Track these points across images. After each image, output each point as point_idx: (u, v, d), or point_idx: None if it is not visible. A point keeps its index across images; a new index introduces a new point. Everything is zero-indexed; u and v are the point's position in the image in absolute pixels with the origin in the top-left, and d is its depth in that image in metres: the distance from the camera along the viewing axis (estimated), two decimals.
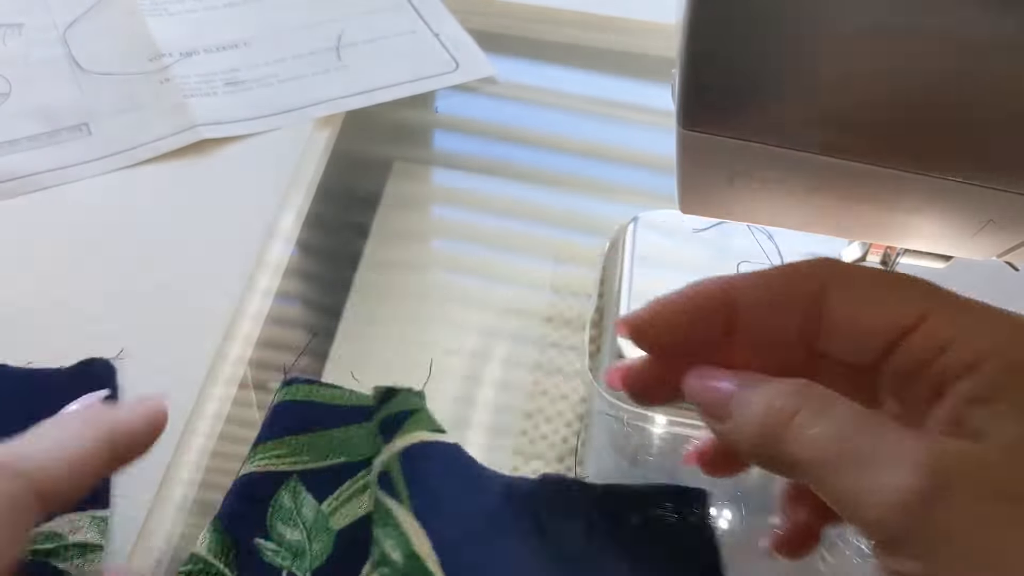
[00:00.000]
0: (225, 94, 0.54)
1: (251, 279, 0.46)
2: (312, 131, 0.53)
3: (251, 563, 0.33)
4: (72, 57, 0.55)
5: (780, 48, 0.23)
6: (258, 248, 0.47)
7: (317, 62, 0.56)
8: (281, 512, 0.35)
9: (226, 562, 0.33)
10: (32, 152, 0.49)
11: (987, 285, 0.45)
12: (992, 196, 0.26)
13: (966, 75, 0.23)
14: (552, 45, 0.62)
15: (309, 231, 0.49)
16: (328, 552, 0.34)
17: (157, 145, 0.50)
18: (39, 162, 0.48)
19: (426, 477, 0.34)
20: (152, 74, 0.54)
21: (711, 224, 0.47)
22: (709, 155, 0.28)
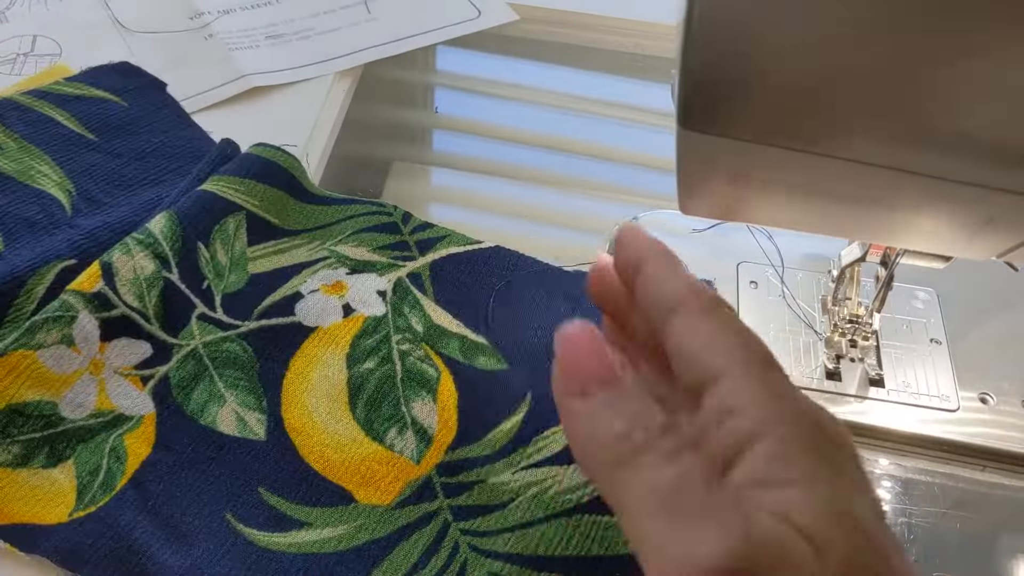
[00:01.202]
0: (267, 46, 0.57)
1: None
2: (332, 83, 0.55)
3: (188, 259, 0.40)
4: (115, 19, 0.58)
5: (780, 48, 0.23)
6: None
7: (348, 16, 0.60)
8: (223, 234, 0.42)
9: (171, 248, 0.39)
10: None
11: (987, 286, 0.45)
12: (992, 196, 0.26)
13: (964, 75, 0.23)
14: (552, 45, 0.62)
15: None
16: (239, 287, 0.41)
17: (211, 94, 0.53)
18: None
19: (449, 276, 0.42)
20: (196, 31, 0.58)
21: (711, 224, 0.47)
22: (709, 155, 0.28)
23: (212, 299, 0.40)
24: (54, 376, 0.35)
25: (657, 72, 0.60)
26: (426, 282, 0.41)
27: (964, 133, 0.24)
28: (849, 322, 0.42)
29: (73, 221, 0.43)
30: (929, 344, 0.43)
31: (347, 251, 0.42)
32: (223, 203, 0.42)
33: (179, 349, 0.38)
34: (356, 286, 0.41)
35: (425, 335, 0.39)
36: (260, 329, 0.39)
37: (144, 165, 0.47)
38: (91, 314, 0.37)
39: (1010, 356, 0.43)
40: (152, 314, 0.38)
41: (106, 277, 0.37)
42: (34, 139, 0.46)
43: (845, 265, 0.40)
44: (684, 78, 0.25)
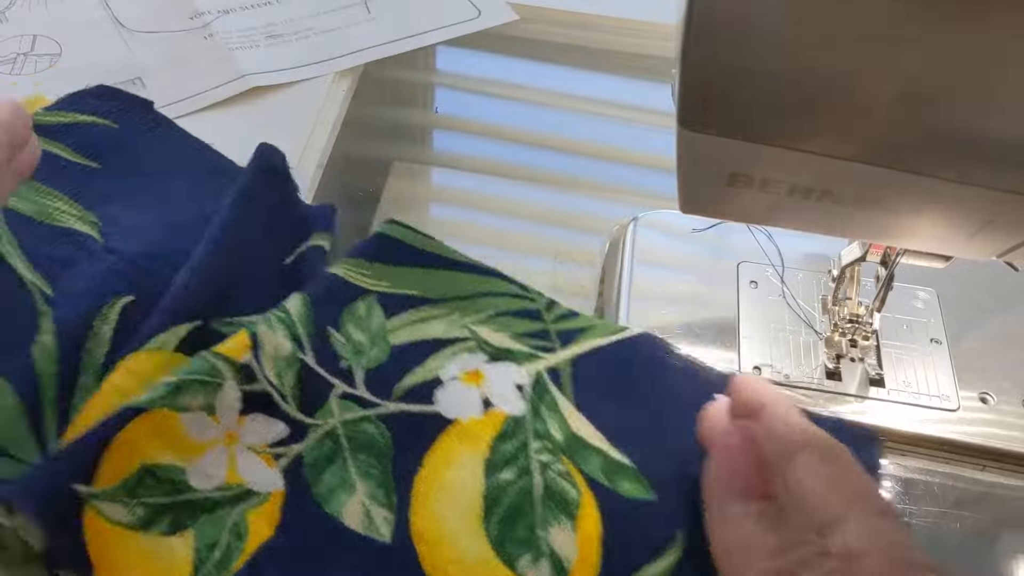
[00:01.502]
0: (267, 46, 0.57)
1: None
2: (332, 83, 0.55)
3: (321, 343, 0.39)
4: (115, 18, 0.58)
5: (779, 48, 0.23)
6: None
7: (348, 16, 0.60)
8: (354, 316, 0.40)
9: (305, 330, 0.38)
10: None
11: (987, 286, 0.45)
12: (992, 196, 0.26)
13: (965, 75, 0.23)
14: (552, 45, 0.62)
15: None
16: (381, 360, 0.39)
17: (211, 94, 0.53)
18: None
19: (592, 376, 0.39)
20: (195, 31, 0.58)
21: (710, 224, 0.47)
22: (709, 155, 0.28)
23: (352, 377, 0.38)
24: (190, 442, 0.34)
25: (657, 72, 0.60)
26: (565, 379, 0.39)
27: (964, 133, 0.24)
28: (849, 322, 0.42)
29: (109, 244, 0.42)
30: (929, 344, 0.43)
31: (487, 335, 0.40)
32: (351, 289, 0.41)
33: (316, 429, 0.37)
34: (495, 378, 0.39)
35: (565, 446, 0.37)
36: (400, 414, 0.37)
37: (156, 184, 0.46)
38: (237, 384, 0.36)
39: (1010, 356, 0.43)
40: (289, 394, 0.37)
41: (254, 348, 0.37)
42: (39, 177, 0.44)
43: (845, 265, 0.40)
44: (684, 78, 0.25)
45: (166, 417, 0.34)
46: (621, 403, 0.38)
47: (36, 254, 0.41)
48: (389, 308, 0.41)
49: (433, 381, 0.38)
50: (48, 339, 0.37)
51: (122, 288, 0.39)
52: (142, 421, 0.34)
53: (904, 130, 0.25)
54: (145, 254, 0.41)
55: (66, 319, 0.38)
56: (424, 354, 0.39)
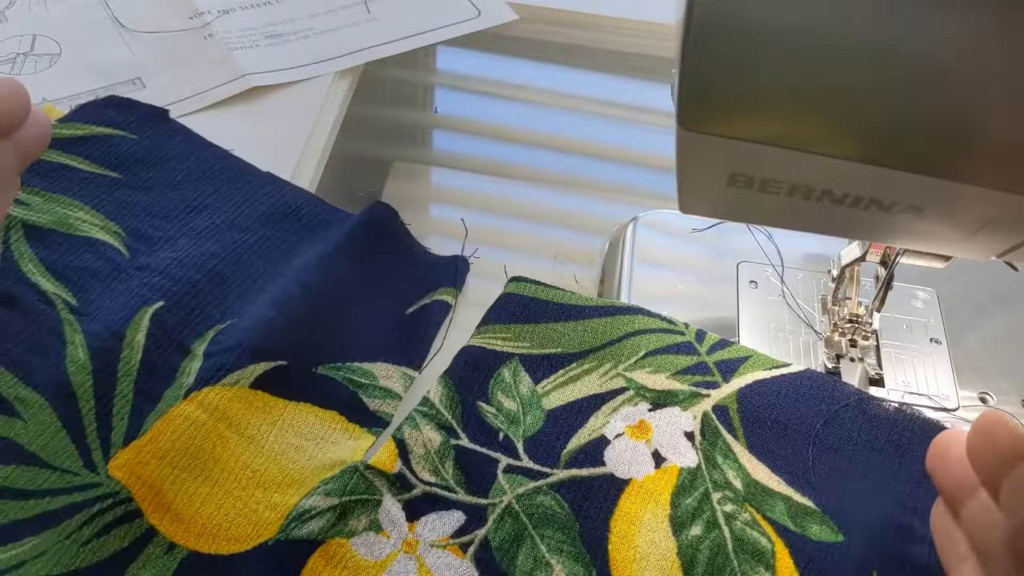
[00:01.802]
0: (267, 46, 0.57)
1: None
2: (332, 83, 0.55)
3: (473, 420, 0.38)
4: (115, 18, 0.58)
5: (779, 48, 0.23)
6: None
7: (348, 16, 0.60)
8: (502, 384, 0.39)
9: (453, 415, 0.38)
10: None
11: (987, 286, 0.45)
12: (992, 196, 0.26)
13: (965, 74, 0.23)
14: (552, 45, 0.62)
15: None
16: (539, 427, 0.38)
17: (211, 94, 0.53)
18: None
19: (760, 414, 0.38)
20: (195, 31, 0.58)
21: (711, 224, 0.47)
22: (709, 155, 0.28)
23: (514, 447, 0.37)
24: (367, 563, 0.34)
25: (657, 72, 0.60)
26: (734, 419, 0.38)
27: (965, 133, 0.24)
28: (849, 322, 0.42)
29: (136, 262, 0.41)
30: (929, 344, 0.43)
31: (644, 379, 0.39)
32: (491, 356, 0.40)
33: (493, 509, 0.35)
34: (661, 427, 0.38)
35: (746, 494, 0.36)
36: (571, 480, 0.36)
37: (181, 193, 0.45)
38: (394, 496, 0.35)
39: (1010, 356, 0.43)
40: (454, 483, 0.36)
41: (402, 456, 0.36)
42: (57, 189, 0.44)
43: (845, 265, 0.40)
44: (684, 78, 0.25)
45: (338, 546, 0.34)
46: (792, 442, 0.37)
47: (58, 264, 0.40)
48: (535, 371, 0.40)
49: (599, 440, 0.37)
50: (80, 353, 0.37)
51: (152, 297, 0.39)
52: (318, 557, 0.34)
53: (904, 130, 0.25)
54: (175, 262, 0.41)
55: (97, 333, 0.37)
56: (584, 413, 0.38)
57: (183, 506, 0.34)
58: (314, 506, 0.34)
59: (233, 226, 0.43)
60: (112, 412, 0.36)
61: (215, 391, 0.36)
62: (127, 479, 0.34)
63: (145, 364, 0.37)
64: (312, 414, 0.38)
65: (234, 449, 0.36)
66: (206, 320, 0.39)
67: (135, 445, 0.35)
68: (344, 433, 0.38)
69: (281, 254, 0.43)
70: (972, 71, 0.22)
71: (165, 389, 0.37)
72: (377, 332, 0.41)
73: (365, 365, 0.40)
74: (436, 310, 0.43)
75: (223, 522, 0.34)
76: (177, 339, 0.38)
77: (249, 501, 0.34)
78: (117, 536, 0.33)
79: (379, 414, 0.39)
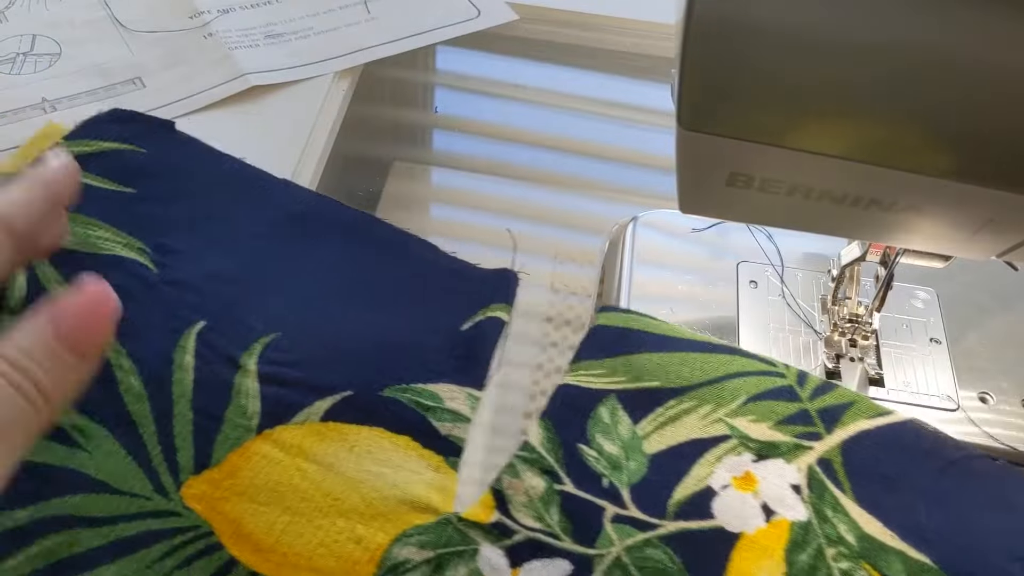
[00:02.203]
0: (266, 46, 0.57)
1: None
2: (332, 83, 0.55)
3: (575, 463, 0.37)
4: (115, 18, 0.58)
5: (779, 48, 0.23)
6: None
7: (347, 16, 0.60)
8: (600, 426, 0.38)
9: (555, 458, 0.37)
10: (91, 105, 0.51)
11: (987, 285, 0.45)
12: (992, 196, 0.26)
13: (965, 74, 0.23)
14: (552, 45, 0.62)
15: None
16: (642, 474, 0.37)
17: (210, 94, 0.53)
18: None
19: (866, 466, 0.37)
20: (194, 30, 0.58)
21: (711, 224, 0.47)
22: (709, 155, 0.28)
23: (619, 495, 0.36)
24: None
25: (657, 72, 0.60)
26: (839, 472, 0.37)
27: (965, 133, 0.24)
28: (849, 321, 0.42)
29: (166, 276, 0.40)
30: (929, 344, 0.43)
31: (746, 428, 0.38)
32: (587, 395, 0.39)
33: (600, 560, 0.34)
34: (768, 479, 0.37)
35: (860, 549, 0.35)
36: (681, 533, 0.35)
37: (198, 204, 0.44)
38: (492, 544, 0.35)
39: (1010, 356, 0.43)
40: (559, 530, 0.35)
41: (500, 506, 0.35)
42: (74, 208, 0.42)
43: (845, 264, 0.40)
44: (684, 78, 0.25)
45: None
46: (901, 496, 0.36)
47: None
48: (633, 409, 0.38)
49: (705, 491, 0.36)
50: (134, 380, 0.36)
51: (192, 316, 0.38)
52: None
53: (904, 129, 0.25)
54: (207, 277, 0.40)
55: (145, 359, 0.37)
56: (687, 461, 0.37)
57: (263, 537, 0.33)
58: (408, 558, 0.34)
59: (257, 235, 0.43)
60: (174, 434, 0.35)
61: (288, 430, 0.36)
62: (207, 513, 0.34)
63: (198, 383, 0.36)
64: (386, 439, 0.37)
65: (313, 478, 0.35)
66: (250, 332, 0.38)
67: (210, 477, 0.34)
68: (421, 461, 0.37)
69: (312, 261, 0.42)
70: (973, 69, 0.22)
71: (225, 408, 0.36)
72: (435, 351, 0.40)
73: (429, 386, 0.38)
74: (491, 327, 0.41)
75: (304, 551, 0.33)
76: (225, 353, 0.37)
77: (331, 530, 0.34)
78: (199, 567, 0.33)
79: (451, 438, 0.37)
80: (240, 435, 0.35)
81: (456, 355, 0.40)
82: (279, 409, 0.36)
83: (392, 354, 0.39)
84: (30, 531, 0.32)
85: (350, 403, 0.37)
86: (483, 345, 0.41)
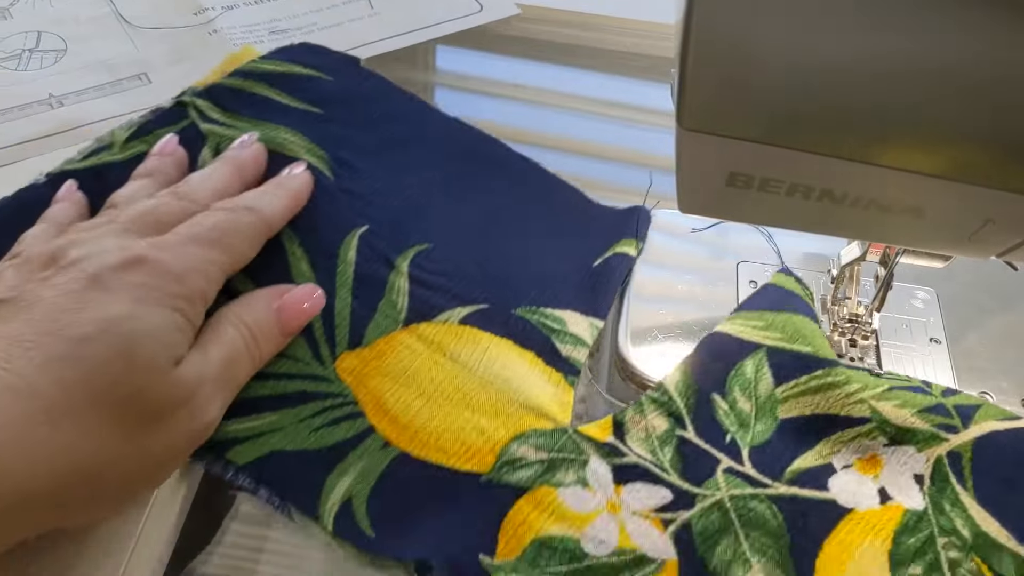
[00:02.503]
0: (271, 42, 0.58)
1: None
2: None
3: (703, 413, 0.38)
4: (119, 14, 0.59)
5: (778, 48, 0.23)
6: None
7: (350, 11, 0.61)
8: (741, 379, 0.38)
9: (685, 403, 0.38)
10: (99, 100, 0.53)
11: (987, 285, 0.45)
12: (992, 196, 0.26)
13: (965, 75, 0.23)
14: (553, 45, 0.62)
15: None
16: (766, 437, 0.37)
17: None
18: (106, 108, 0.52)
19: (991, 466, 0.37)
20: (199, 27, 0.58)
21: (710, 224, 0.47)
22: (709, 155, 0.28)
23: (738, 452, 0.37)
24: (574, 513, 0.35)
25: (657, 72, 0.60)
26: (966, 468, 0.37)
27: (964, 133, 0.24)
28: (848, 321, 0.42)
29: (341, 184, 0.44)
30: (929, 344, 0.43)
31: (889, 412, 0.37)
32: (736, 344, 0.39)
33: (703, 499, 0.36)
34: (892, 465, 0.37)
35: (973, 544, 0.35)
36: (792, 497, 0.36)
37: (378, 132, 0.49)
38: (602, 459, 0.37)
39: (1010, 356, 0.43)
40: (669, 466, 0.37)
41: (617, 432, 0.37)
42: (263, 117, 0.47)
43: (844, 264, 0.40)
44: (683, 78, 0.25)
45: (546, 494, 0.35)
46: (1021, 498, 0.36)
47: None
48: (779, 369, 0.38)
49: (826, 467, 0.37)
50: (303, 266, 0.41)
51: (359, 221, 0.43)
52: (525, 501, 0.35)
53: (904, 129, 0.25)
54: (377, 192, 0.45)
55: (315, 249, 0.41)
56: (817, 435, 0.37)
57: (399, 413, 0.37)
58: (524, 456, 0.36)
59: (425, 162, 0.48)
60: (335, 314, 0.40)
61: (431, 326, 0.40)
62: (354, 385, 0.38)
63: (358, 275, 0.41)
64: (514, 351, 0.40)
65: (448, 372, 0.39)
66: (406, 240, 0.43)
67: (361, 355, 0.39)
68: (542, 376, 0.40)
69: (470, 188, 0.48)
70: (965, 77, 0.22)
71: (379, 300, 0.41)
72: (567, 283, 0.44)
73: (557, 312, 0.42)
74: (619, 261, 0.45)
75: (433, 432, 0.37)
76: (383, 254, 0.42)
77: (458, 419, 0.38)
78: (342, 428, 0.37)
79: (570, 360, 0.41)
80: (389, 325, 0.40)
81: (585, 287, 0.43)
82: (424, 308, 0.41)
83: (527, 280, 0.43)
84: None
85: (485, 314, 0.41)
86: (609, 279, 0.44)
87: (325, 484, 0.36)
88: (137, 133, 0.45)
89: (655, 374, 0.40)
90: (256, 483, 0.36)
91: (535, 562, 0.34)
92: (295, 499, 0.35)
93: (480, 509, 0.35)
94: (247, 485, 0.36)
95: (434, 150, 0.49)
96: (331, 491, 0.36)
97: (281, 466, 0.36)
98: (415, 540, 0.34)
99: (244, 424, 0.36)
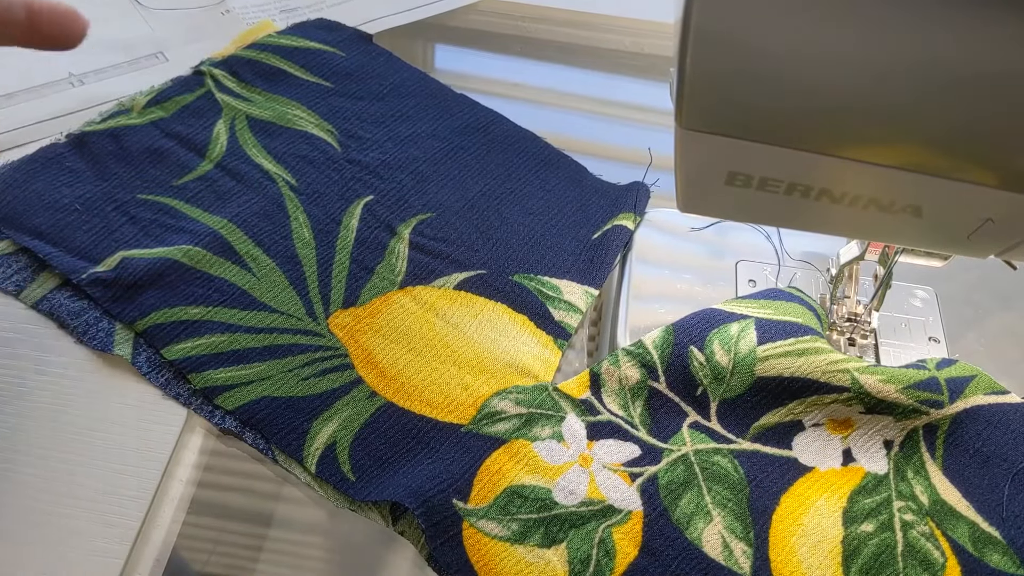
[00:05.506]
0: (282, 21, 0.59)
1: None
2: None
3: (677, 366, 0.39)
4: None
5: (777, 48, 0.24)
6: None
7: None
8: (723, 334, 0.39)
9: (659, 355, 0.39)
10: (119, 78, 0.54)
11: (986, 284, 0.46)
12: (991, 196, 0.26)
13: (964, 75, 0.23)
14: (552, 45, 0.62)
15: None
16: (739, 392, 0.38)
17: None
18: (126, 86, 0.53)
19: (967, 440, 0.37)
20: (212, 7, 0.60)
21: (710, 223, 0.47)
22: (708, 155, 0.28)
23: (707, 407, 0.38)
24: (547, 465, 0.37)
25: (657, 71, 0.60)
26: (939, 439, 0.37)
27: (964, 133, 0.24)
28: (848, 320, 0.42)
29: (349, 156, 0.48)
30: (928, 343, 0.43)
31: (872, 385, 0.37)
32: (726, 316, 0.40)
33: (668, 453, 0.37)
34: (864, 428, 0.38)
35: (931, 509, 0.36)
36: (753, 453, 0.37)
37: (386, 105, 0.52)
38: (578, 416, 0.38)
39: (1009, 355, 0.43)
40: (638, 422, 0.38)
41: (593, 386, 0.39)
42: (276, 90, 0.50)
43: (844, 263, 0.40)
44: (682, 78, 0.25)
45: (522, 447, 0.37)
46: (990, 474, 0.37)
47: (278, 150, 0.48)
48: (764, 332, 0.39)
49: (793, 424, 0.38)
50: (305, 231, 0.44)
51: (364, 191, 0.46)
52: (502, 452, 0.37)
53: (903, 129, 0.25)
54: (383, 163, 0.48)
55: (317, 217, 0.44)
56: (790, 395, 0.38)
57: (388, 366, 0.40)
58: (504, 410, 0.38)
59: (432, 135, 0.50)
60: (331, 276, 0.42)
61: (427, 290, 0.43)
62: (346, 339, 0.40)
63: (359, 240, 0.44)
64: (507, 314, 0.42)
65: (439, 331, 0.41)
66: (409, 208, 0.46)
67: (355, 312, 0.41)
68: (532, 337, 0.42)
69: (475, 161, 0.50)
70: (973, 72, 0.22)
71: (377, 263, 0.43)
72: (566, 254, 0.46)
73: (554, 280, 0.44)
74: (616, 234, 0.47)
75: (419, 385, 0.39)
76: (385, 222, 0.45)
77: (444, 374, 0.40)
78: (331, 378, 0.39)
79: (562, 325, 0.43)
80: (385, 286, 0.42)
81: (583, 258, 0.45)
82: (422, 272, 0.43)
83: (527, 250, 0.45)
84: (200, 326, 0.40)
85: (482, 279, 0.43)
86: (606, 250, 0.46)
87: (311, 429, 0.37)
88: (156, 99, 0.49)
89: None
90: (243, 426, 0.37)
91: (506, 509, 0.35)
92: (280, 442, 0.37)
93: (458, 457, 0.37)
94: (233, 428, 0.37)
95: (441, 124, 0.51)
96: (316, 436, 0.37)
97: (269, 411, 0.37)
98: (393, 485, 0.36)
99: (235, 372, 0.38)
